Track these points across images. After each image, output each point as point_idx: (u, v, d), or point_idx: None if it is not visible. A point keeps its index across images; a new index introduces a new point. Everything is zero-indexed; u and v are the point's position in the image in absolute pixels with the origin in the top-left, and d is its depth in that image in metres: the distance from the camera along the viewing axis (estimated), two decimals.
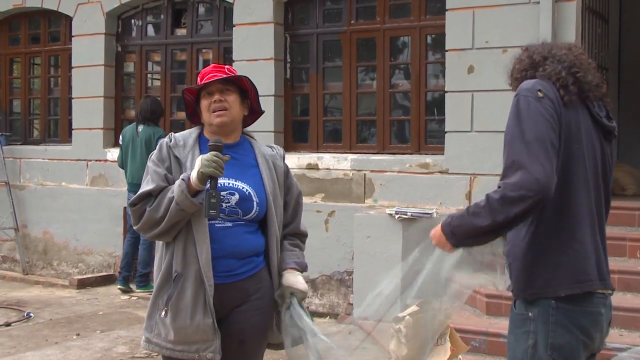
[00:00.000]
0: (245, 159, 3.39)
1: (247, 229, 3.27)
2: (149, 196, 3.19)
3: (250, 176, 3.33)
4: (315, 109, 8.25)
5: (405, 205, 7.17)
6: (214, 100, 3.29)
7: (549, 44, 2.94)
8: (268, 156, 3.44)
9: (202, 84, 3.32)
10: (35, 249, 9.92)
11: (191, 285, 3.16)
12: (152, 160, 3.30)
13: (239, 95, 3.36)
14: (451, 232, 2.71)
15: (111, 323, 7.29)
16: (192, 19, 9.10)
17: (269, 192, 3.34)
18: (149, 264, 8.50)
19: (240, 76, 3.37)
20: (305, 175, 7.82)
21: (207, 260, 3.14)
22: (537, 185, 2.52)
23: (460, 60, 7.19)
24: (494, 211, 2.57)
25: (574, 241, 2.69)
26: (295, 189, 3.53)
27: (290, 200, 3.51)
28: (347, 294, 7.52)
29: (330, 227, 7.69)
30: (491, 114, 7.02)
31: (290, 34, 8.39)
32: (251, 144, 3.46)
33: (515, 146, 2.60)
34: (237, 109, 3.35)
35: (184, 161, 3.26)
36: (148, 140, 8.36)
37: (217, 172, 3.08)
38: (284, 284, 3.34)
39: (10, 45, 10.60)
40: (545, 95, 2.67)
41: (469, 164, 7.16)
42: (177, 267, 3.19)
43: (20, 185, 10.01)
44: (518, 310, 2.79)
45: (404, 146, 7.82)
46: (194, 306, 3.15)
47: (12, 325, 7.14)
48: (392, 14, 7.92)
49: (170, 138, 3.34)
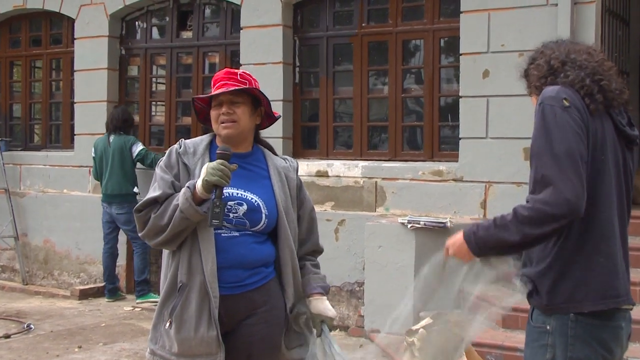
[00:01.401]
0: (257, 170, 3.40)
1: (255, 239, 3.29)
2: (154, 203, 3.22)
3: (260, 187, 3.34)
4: (325, 114, 8.28)
5: (418, 214, 7.18)
6: (222, 112, 3.31)
7: (565, 43, 2.92)
8: (281, 168, 3.46)
9: (211, 95, 3.34)
10: (35, 258, 9.96)
11: (196, 296, 3.18)
12: (160, 166, 3.32)
13: (250, 104, 3.36)
14: (475, 242, 2.72)
15: (114, 335, 7.32)
16: (198, 21, 9.14)
17: (280, 204, 3.35)
18: (144, 271, 8.64)
19: (250, 88, 3.35)
20: (315, 183, 7.85)
21: (213, 271, 3.16)
22: (567, 205, 2.54)
23: (475, 65, 7.21)
24: (522, 227, 2.60)
25: (599, 255, 2.70)
26: (308, 204, 3.55)
27: (304, 215, 3.52)
28: (358, 306, 7.53)
29: (340, 237, 7.71)
30: (507, 120, 7.03)
31: (300, 37, 8.42)
32: (264, 154, 3.48)
33: (543, 160, 2.60)
34: (247, 121, 3.35)
35: (193, 169, 3.28)
36: (120, 149, 8.66)
37: (223, 181, 3.09)
38: (313, 312, 3.38)
39: (11, 47, 10.66)
40: (572, 104, 2.66)
41: (484, 172, 7.17)
42: (182, 277, 3.21)
43: (21, 193, 10.06)
44: (535, 322, 2.79)
45: (416, 153, 7.84)
46: (198, 318, 3.17)
47: (11, 337, 7.17)
48: (405, 17, 7.94)
49: (180, 144, 3.35)
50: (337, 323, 7.60)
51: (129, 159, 8.71)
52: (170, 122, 9.27)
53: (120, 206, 8.65)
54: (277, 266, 3.37)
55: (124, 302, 8.79)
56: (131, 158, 8.71)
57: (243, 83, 3.34)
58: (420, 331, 4.70)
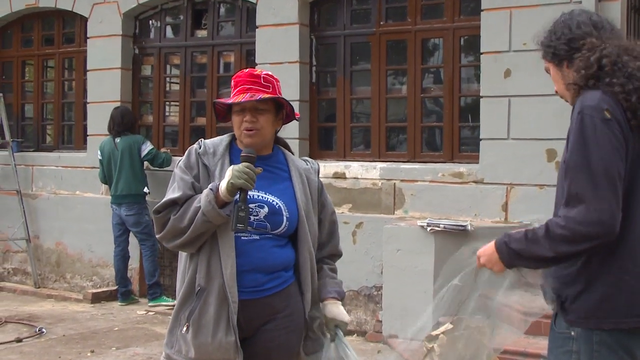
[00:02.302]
0: (278, 172, 3.40)
1: (275, 243, 3.29)
2: (174, 204, 3.22)
3: (281, 189, 3.34)
4: (343, 114, 8.28)
5: (437, 217, 7.17)
6: (246, 120, 3.28)
7: (616, 34, 2.82)
8: (302, 170, 3.45)
9: (234, 102, 3.29)
10: (47, 261, 10.02)
11: (214, 300, 3.18)
12: (180, 166, 3.32)
13: (273, 111, 3.34)
14: (507, 253, 2.74)
15: (127, 339, 7.35)
16: (213, 19, 9.17)
17: (301, 206, 3.35)
18: (154, 274, 8.70)
19: (275, 97, 3.32)
20: (332, 185, 7.85)
21: (232, 275, 3.17)
22: (601, 226, 2.54)
23: (496, 64, 7.20)
24: (555, 245, 2.61)
25: (626, 273, 2.67)
26: (329, 207, 3.55)
27: (325, 218, 3.52)
28: (376, 311, 7.53)
29: (358, 240, 7.71)
30: (529, 120, 7.01)
31: (317, 36, 8.43)
32: (285, 156, 3.47)
33: (579, 175, 2.58)
34: (269, 129, 3.34)
35: (213, 170, 3.28)
36: (129, 149, 8.75)
37: (248, 185, 3.09)
38: (328, 316, 3.38)
39: (23, 47, 10.73)
40: (613, 116, 2.61)
41: (505, 174, 7.16)
42: (201, 280, 3.21)
43: (33, 194, 10.12)
44: (559, 328, 2.78)
45: (436, 154, 7.83)
46: (216, 323, 3.17)
47: (23, 342, 7.22)
48: (424, 15, 7.94)
49: (199, 144, 3.35)
50: (355, 328, 7.61)
51: (138, 158, 8.76)
52: (184, 122, 9.31)
53: (130, 207, 8.69)
54: (296, 270, 3.38)
55: (137, 306, 8.82)
56: (140, 157, 8.76)
57: (266, 87, 3.30)
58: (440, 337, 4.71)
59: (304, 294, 3.37)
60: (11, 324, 7.90)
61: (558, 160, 6.88)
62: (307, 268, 3.37)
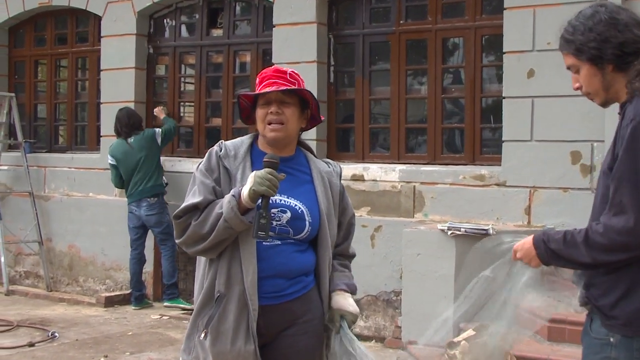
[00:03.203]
0: (300, 175, 3.40)
1: (296, 248, 3.30)
2: (195, 209, 3.22)
3: (303, 193, 3.34)
4: (361, 115, 8.29)
5: (458, 221, 7.17)
6: (271, 112, 3.28)
7: None
8: (324, 172, 3.45)
9: (260, 92, 3.30)
10: (60, 264, 10.08)
11: (234, 307, 3.19)
12: (200, 170, 3.32)
13: (299, 107, 3.34)
14: (545, 251, 2.79)
15: (141, 344, 7.39)
16: (229, 18, 9.20)
17: (323, 210, 3.35)
18: (173, 275, 8.76)
19: (303, 89, 3.34)
20: (350, 187, 7.86)
21: (253, 282, 3.17)
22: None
23: (520, 63, 7.19)
24: (593, 252, 2.67)
25: None
26: (350, 210, 3.56)
27: (344, 222, 3.53)
28: (395, 316, 7.53)
29: (376, 243, 7.72)
30: (553, 121, 7.00)
31: (335, 35, 8.45)
32: (307, 158, 3.47)
33: (625, 185, 2.62)
34: (295, 123, 3.34)
35: (234, 173, 3.28)
36: (147, 145, 8.85)
37: (270, 192, 3.09)
38: (334, 307, 3.37)
39: (36, 46, 10.80)
40: None
41: (528, 176, 7.14)
42: (220, 287, 3.22)
43: (45, 196, 10.19)
44: (597, 334, 2.77)
45: (457, 156, 7.83)
46: (235, 330, 3.18)
47: (36, 346, 7.26)
48: (445, 13, 7.94)
49: (220, 147, 3.35)
50: (373, 334, 7.62)
51: (156, 151, 8.85)
52: (199, 123, 9.34)
53: (151, 207, 8.73)
54: (316, 275, 3.38)
55: (151, 310, 8.86)
56: (159, 147, 8.87)
57: (292, 83, 3.32)
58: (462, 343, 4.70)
59: (323, 299, 3.38)
60: (23, 328, 7.95)
61: (583, 162, 6.87)
62: (326, 274, 3.38)
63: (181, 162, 9.19)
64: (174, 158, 9.30)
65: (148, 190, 8.76)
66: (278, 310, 3.26)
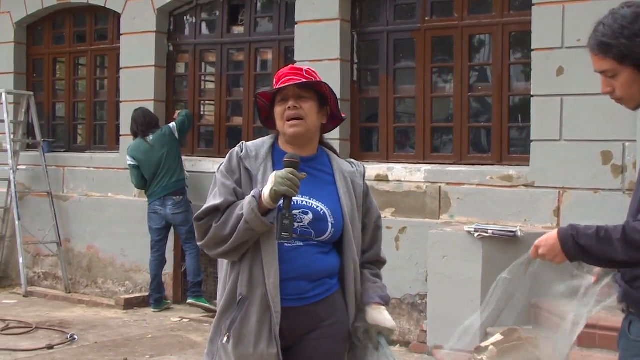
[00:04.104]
0: (322, 175, 3.41)
1: (319, 249, 3.31)
2: (216, 211, 3.25)
3: (326, 194, 3.35)
4: (385, 114, 8.29)
5: (485, 222, 7.15)
6: (288, 107, 3.30)
7: None
8: (347, 173, 3.46)
9: (276, 88, 3.33)
10: (79, 265, 10.16)
11: (256, 310, 3.20)
12: (221, 171, 3.34)
13: (317, 102, 3.36)
14: (573, 247, 2.74)
15: (161, 347, 7.43)
16: (250, 15, 9.23)
17: (347, 212, 3.36)
18: (199, 273, 8.80)
19: (319, 82, 3.36)
20: (374, 188, 7.85)
21: (275, 284, 3.19)
22: None
23: (548, 61, 7.16)
24: (631, 251, 2.63)
25: None
26: (374, 211, 3.55)
27: (369, 223, 3.52)
28: (420, 320, 7.53)
29: (401, 246, 7.72)
30: (583, 120, 6.97)
31: (358, 32, 8.45)
32: (329, 157, 3.48)
33: None
34: (314, 118, 3.35)
35: (255, 174, 3.30)
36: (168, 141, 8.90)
37: (292, 192, 3.11)
38: (370, 322, 3.36)
39: (54, 44, 10.88)
40: None
41: (557, 177, 7.11)
42: (242, 289, 3.24)
43: (64, 196, 10.27)
44: (636, 336, 2.75)
45: (484, 156, 7.81)
46: (258, 334, 3.19)
47: (54, 349, 7.32)
48: (472, 10, 7.92)
49: (241, 147, 3.37)
50: (398, 338, 7.61)
51: (177, 145, 8.93)
52: (220, 122, 9.38)
53: (177, 206, 8.77)
54: (340, 278, 3.39)
55: (171, 313, 8.91)
56: (178, 141, 8.93)
57: (309, 79, 3.34)
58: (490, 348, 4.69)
59: (348, 303, 3.39)
60: (42, 330, 8.01)
61: (614, 163, 6.83)
62: (351, 276, 3.38)
63: (201, 162, 9.24)
64: (194, 158, 9.34)
65: (172, 185, 8.81)
66: (301, 312, 3.27)
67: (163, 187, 8.83)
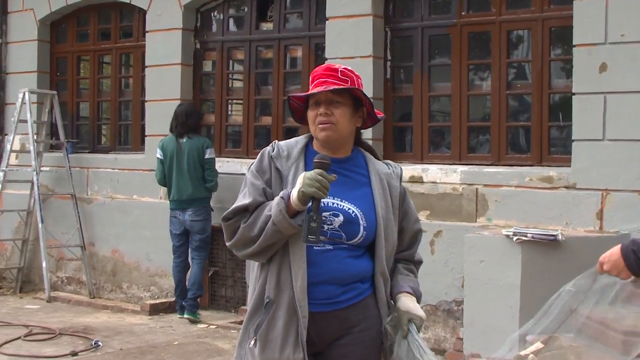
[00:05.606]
0: (356, 176, 3.42)
1: (350, 253, 3.31)
2: (244, 211, 3.28)
3: (359, 196, 3.36)
4: (420, 113, 8.27)
5: (524, 226, 7.11)
6: (320, 113, 3.32)
7: None
8: (383, 174, 3.46)
9: (308, 93, 3.35)
10: (103, 270, 10.23)
11: (283, 314, 3.22)
12: (251, 171, 3.37)
13: (351, 105, 3.36)
14: (636, 262, 2.79)
15: (188, 354, 7.46)
16: (280, 11, 9.25)
17: (380, 215, 3.36)
18: (201, 287, 8.83)
19: (352, 88, 3.35)
20: (408, 190, 7.77)
21: (303, 288, 3.20)
22: None
23: (591, 57, 7.10)
24: None
25: None
26: (412, 214, 3.56)
27: (407, 226, 3.53)
28: (456, 327, 7.51)
29: (436, 250, 7.70)
30: (627, 119, 6.91)
31: (392, 28, 8.44)
32: (365, 158, 3.49)
33: None
34: (346, 123, 3.35)
35: (286, 174, 3.32)
36: (197, 152, 8.82)
37: (321, 193, 3.12)
38: (401, 309, 3.35)
39: (78, 41, 10.96)
40: None
41: (600, 178, 7.06)
42: (270, 292, 3.26)
43: (88, 198, 10.35)
44: None
45: (523, 157, 7.77)
46: (284, 338, 3.21)
47: (79, 355, 7.39)
48: (510, 4, 7.88)
49: (273, 147, 3.39)
50: (433, 346, 7.58)
51: (201, 163, 8.86)
52: (248, 122, 9.40)
53: (197, 213, 8.79)
54: (372, 282, 3.39)
55: None
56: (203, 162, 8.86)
57: (344, 81, 3.34)
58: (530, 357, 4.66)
59: (380, 307, 3.39)
60: (66, 337, 8.08)
61: None
62: (381, 281, 3.38)
63: (229, 163, 9.25)
64: (221, 159, 9.35)
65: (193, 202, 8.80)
66: (330, 317, 3.28)
67: (182, 199, 8.82)
